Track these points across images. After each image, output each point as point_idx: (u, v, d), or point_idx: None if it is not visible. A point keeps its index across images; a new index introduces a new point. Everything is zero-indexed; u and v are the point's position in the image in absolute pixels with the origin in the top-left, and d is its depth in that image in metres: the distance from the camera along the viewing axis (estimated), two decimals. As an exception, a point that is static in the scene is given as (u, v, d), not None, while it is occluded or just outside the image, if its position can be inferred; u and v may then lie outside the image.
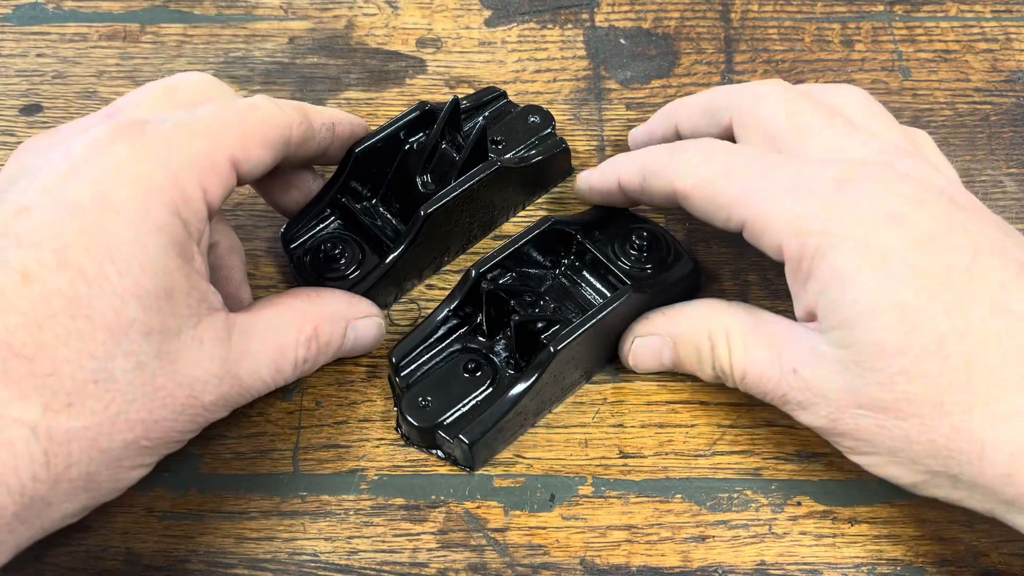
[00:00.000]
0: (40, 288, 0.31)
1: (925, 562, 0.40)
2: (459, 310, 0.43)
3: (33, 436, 0.31)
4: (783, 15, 0.55)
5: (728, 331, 0.40)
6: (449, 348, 0.43)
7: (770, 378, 0.39)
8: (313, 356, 0.40)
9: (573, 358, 0.41)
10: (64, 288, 0.32)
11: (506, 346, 0.43)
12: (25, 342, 0.31)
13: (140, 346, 0.33)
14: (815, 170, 0.38)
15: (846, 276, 0.36)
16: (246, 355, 0.37)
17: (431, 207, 0.44)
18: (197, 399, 0.35)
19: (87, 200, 0.33)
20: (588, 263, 0.44)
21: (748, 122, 0.42)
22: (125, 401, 0.33)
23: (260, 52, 0.54)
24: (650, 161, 0.42)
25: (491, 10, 0.56)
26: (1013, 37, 0.54)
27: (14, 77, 0.53)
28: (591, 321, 0.41)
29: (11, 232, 0.32)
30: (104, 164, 0.34)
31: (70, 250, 0.32)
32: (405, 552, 0.41)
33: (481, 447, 0.41)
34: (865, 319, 0.35)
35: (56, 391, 0.31)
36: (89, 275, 0.32)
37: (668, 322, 0.42)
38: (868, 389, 0.36)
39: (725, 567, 0.40)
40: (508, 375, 0.42)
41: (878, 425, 0.36)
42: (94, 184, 0.33)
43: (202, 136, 0.36)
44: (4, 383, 0.30)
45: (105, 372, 0.32)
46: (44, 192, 0.33)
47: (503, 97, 0.50)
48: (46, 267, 0.32)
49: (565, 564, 0.40)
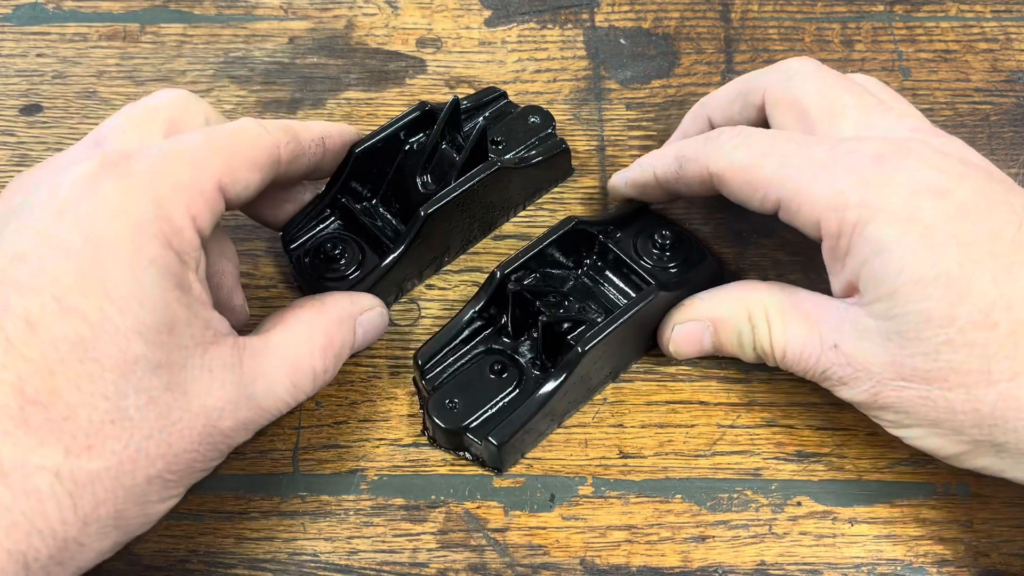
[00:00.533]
0: (46, 334, 0.32)
1: (925, 562, 0.40)
2: (484, 311, 0.43)
3: (57, 480, 0.31)
4: (783, 15, 0.55)
5: (767, 310, 0.40)
6: (474, 350, 0.43)
7: (811, 355, 0.39)
8: (332, 364, 0.39)
9: (599, 358, 0.41)
10: (69, 333, 0.32)
11: (531, 347, 0.43)
12: (39, 389, 0.31)
13: (150, 381, 0.33)
14: (851, 146, 0.38)
15: (888, 248, 0.36)
16: (260, 376, 0.36)
17: (431, 207, 0.43)
18: (215, 427, 0.35)
19: (79, 242, 0.33)
20: (611, 263, 0.44)
21: (780, 98, 0.42)
22: (143, 437, 0.33)
23: (260, 52, 0.54)
24: (685, 149, 0.42)
25: (491, 10, 0.56)
26: (1013, 37, 0.54)
27: (14, 77, 0.53)
28: (619, 321, 0.41)
29: (10, 279, 0.32)
30: (92, 203, 0.34)
31: (69, 294, 0.32)
32: (405, 552, 0.41)
33: (509, 449, 0.41)
34: (909, 290, 0.35)
35: (75, 434, 0.31)
36: (91, 318, 0.32)
37: (707, 306, 0.42)
38: (913, 360, 0.36)
39: (725, 567, 0.40)
40: (534, 376, 0.42)
41: (921, 396, 0.36)
42: (84, 225, 0.33)
43: (188, 164, 0.36)
44: (24, 431, 0.31)
45: (119, 411, 0.32)
46: (36, 236, 0.33)
47: (503, 97, 0.50)
48: (49, 313, 0.32)
49: (565, 564, 0.40)
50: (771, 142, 0.40)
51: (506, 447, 0.40)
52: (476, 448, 0.41)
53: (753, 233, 0.48)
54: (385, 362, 0.45)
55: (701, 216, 0.48)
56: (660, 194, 0.45)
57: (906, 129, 0.39)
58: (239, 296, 0.42)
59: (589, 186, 0.50)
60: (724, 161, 0.40)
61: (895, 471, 0.42)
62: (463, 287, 0.47)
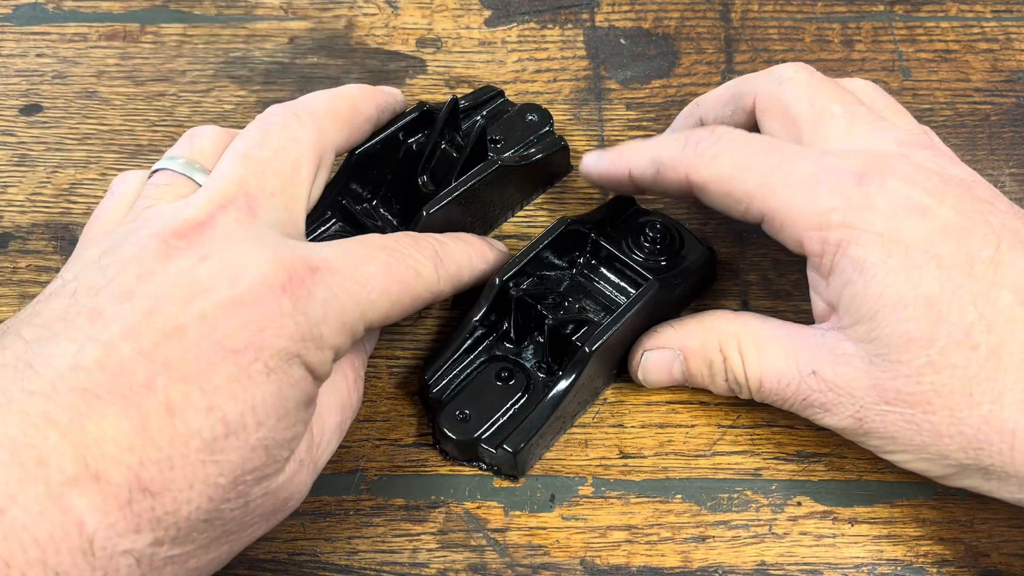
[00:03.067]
0: (183, 427, 0.31)
1: (925, 562, 0.40)
2: (484, 319, 0.43)
3: (136, 564, 0.30)
4: (783, 15, 0.55)
5: (740, 341, 0.40)
6: (478, 359, 0.43)
7: (788, 384, 0.38)
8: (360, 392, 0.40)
9: (604, 356, 0.41)
10: (204, 432, 0.31)
11: (535, 351, 0.43)
12: (154, 479, 0.30)
13: (252, 489, 0.33)
14: (834, 163, 0.38)
15: (870, 269, 0.36)
16: (322, 444, 0.37)
17: (433, 207, 0.43)
18: (286, 512, 0.35)
19: (242, 345, 0.32)
20: (604, 259, 0.44)
21: (770, 104, 0.42)
22: (225, 532, 0.33)
23: (260, 52, 0.54)
24: (663, 152, 0.41)
25: (491, 10, 0.56)
26: (1013, 37, 0.54)
27: (14, 77, 0.53)
28: (624, 317, 0.41)
29: (161, 355, 0.31)
30: (267, 314, 0.32)
31: (219, 394, 0.31)
32: (405, 552, 0.41)
33: (526, 454, 0.41)
34: (890, 311, 0.35)
35: (168, 527, 0.31)
36: (231, 423, 0.31)
37: (678, 335, 0.42)
38: (895, 383, 0.35)
39: (725, 567, 0.40)
40: (541, 380, 0.42)
41: (905, 420, 0.36)
42: (254, 332, 0.32)
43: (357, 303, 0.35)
44: (126, 516, 0.30)
45: (217, 513, 0.32)
46: (202, 320, 0.32)
47: (500, 96, 0.50)
48: (192, 407, 0.31)
49: (565, 564, 0.40)
50: (753, 152, 0.39)
51: (522, 453, 0.40)
52: (491, 457, 0.41)
53: (753, 233, 0.48)
54: (385, 362, 0.45)
55: (701, 216, 0.48)
56: (634, 191, 0.44)
57: (892, 142, 0.39)
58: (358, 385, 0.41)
59: (588, 186, 0.50)
60: (705, 172, 0.40)
61: (895, 471, 0.42)
62: (463, 287, 0.47)
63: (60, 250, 0.48)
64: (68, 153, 0.51)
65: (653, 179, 0.42)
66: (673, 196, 0.44)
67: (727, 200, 0.39)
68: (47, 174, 0.50)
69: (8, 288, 0.47)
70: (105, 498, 0.29)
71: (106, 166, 0.51)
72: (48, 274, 0.47)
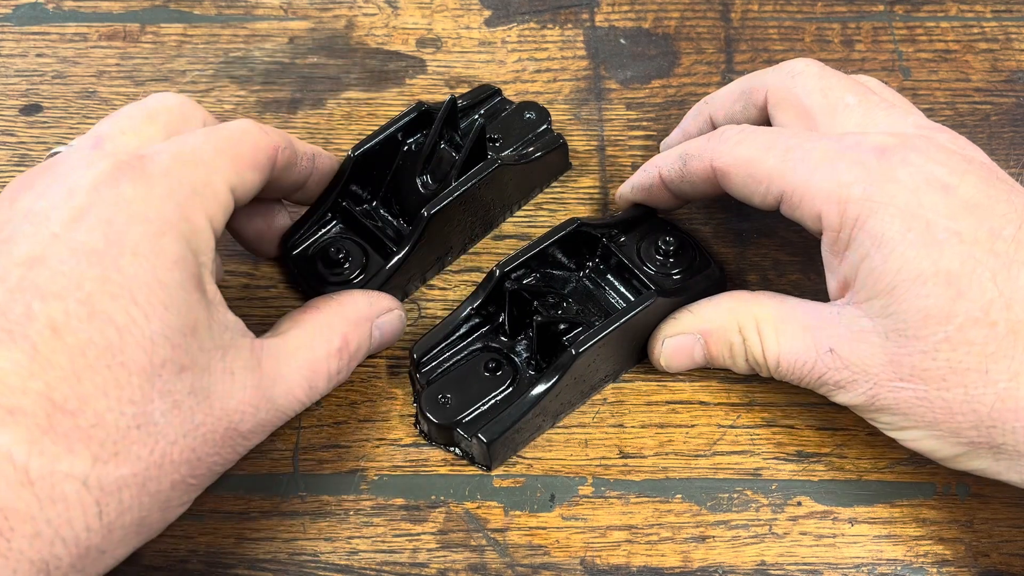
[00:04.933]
0: (72, 340, 0.31)
1: (925, 562, 0.40)
2: (482, 309, 0.43)
3: (85, 488, 0.31)
4: (783, 15, 0.55)
5: (758, 321, 0.40)
6: (471, 347, 0.43)
7: (805, 362, 0.38)
8: (346, 365, 0.39)
9: (595, 361, 0.41)
10: (96, 338, 0.31)
11: (527, 347, 0.43)
12: (67, 396, 0.31)
13: (174, 385, 0.33)
14: (856, 140, 0.38)
15: (889, 243, 0.36)
16: (279, 379, 0.36)
17: (434, 207, 0.43)
18: (236, 429, 0.35)
19: (101, 244, 0.32)
20: (613, 266, 0.44)
21: (783, 98, 0.42)
22: (168, 443, 0.32)
23: (260, 52, 0.54)
24: (689, 147, 0.42)
25: (491, 10, 0.56)
26: (1013, 37, 0.54)
27: (14, 77, 0.53)
28: (614, 325, 0.41)
29: (30, 284, 0.32)
30: (112, 205, 0.33)
31: (95, 298, 0.32)
32: (405, 552, 0.41)
33: (499, 446, 0.41)
34: (909, 286, 0.35)
35: (102, 442, 0.31)
36: (118, 321, 0.32)
37: (696, 319, 0.42)
38: (911, 358, 0.35)
39: (725, 567, 0.40)
40: (529, 376, 0.42)
41: (918, 397, 0.36)
42: (106, 227, 0.33)
43: (201, 166, 0.36)
44: (52, 439, 0.30)
45: (145, 416, 0.32)
46: (55, 239, 0.32)
47: (498, 95, 0.50)
48: (75, 318, 0.31)
49: (565, 564, 0.40)
50: (774, 137, 0.40)
51: (495, 444, 0.40)
52: (466, 444, 0.41)
53: (753, 233, 0.48)
54: (385, 362, 0.45)
55: (702, 216, 0.48)
56: (665, 196, 0.44)
57: (911, 125, 0.39)
58: None
59: (589, 186, 0.50)
60: (728, 156, 0.40)
61: (895, 471, 0.42)
62: (463, 287, 0.47)
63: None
64: (68, 153, 0.51)
65: (680, 173, 0.42)
66: (701, 194, 0.43)
67: (749, 182, 0.40)
68: (47, 174, 0.50)
69: (8, 288, 0.47)
70: (27, 428, 0.30)
71: (106, 166, 0.51)
72: (48, 274, 0.47)
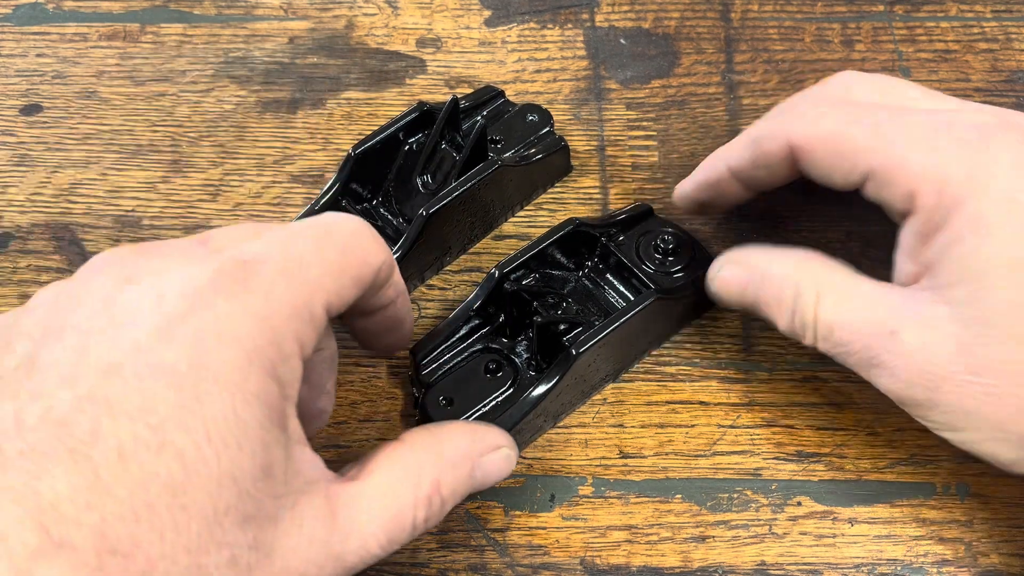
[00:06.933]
0: (137, 471, 0.27)
1: (925, 562, 0.40)
2: (482, 310, 0.43)
3: None
4: (783, 15, 0.55)
5: (820, 284, 0.37)
6: (471, 348, 0.43)
7: (861, 338, 0.36)
8: (436, 513, 0.34)
9: (595, 361, 0.41)
10: (162, 472, 0.27)
11: (528, 347, 0.43)
12: (120, 535, 0.27)
13: (235, 537, 0.29)
14: (950, 117, 0.36)
15: (988, 227, 0.34)
16: (352, 533, 0.32)
17: (433, 207, 0.44)
18: None
19: (184, 366, 0.28)
20: (612, 266, 0.44)
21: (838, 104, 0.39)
22: None
23: (260, 52, 0.54)
24: (758, 129, 0.39)
25: (491, 10, 0.56)
26: (1013, 37, 0.54)
27: (14, 77, 0.53)
28: (614, 324, 0.41)
29: (102, 398, 0.28)
30: (203, 323, 0.29)
31: (167, 427, 0.28)
32: (405, 552, 0.41)
33: None
34: (1002, 274, 0.33)
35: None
36: (187, 458, 0.28)
37: (765, 258, 0.40)
38: (987, 350, 0.33)
39: (725, 567, 0.40)
40: (529, 376, 0.42)
41: (987, 393, 0.33)
42: (192, 347, 0.29)
43: (305, 284, 0.31)
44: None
45: (198, 568, 0.28)
46: (137, 351, 0.28)
47: (501, 96, 0.50)
48: (143, 446, 0.28)
49: (565, 564, 0.40)
50: (861, 109, 0.37)
51: None
52: None
53: (754, 233, 0.48)
54: (385, 362, 0.45)
55: (702, 216, 0.48)
56: (735, 189, 0.42)
57: (988, 112, 0.37)
58: (329, 402, 0.37)
59: (589, 186, 0.50)
60: (809, 130, 0.37)
61: (895, 471, 0.42)
62: (463, 287, 0.47)
63: (60, 250, 0.48)
64: (68, 153, 0.51)
65: (752, 159, 0.40)
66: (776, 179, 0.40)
67: (834, 159, 0.37)
68: (47, 174, 0.50)
69: (8, 288, 0.47)
70: (74, 567, 0.26)
71: (106, 166, 0.51)
72: (48, 274, 0.47)
